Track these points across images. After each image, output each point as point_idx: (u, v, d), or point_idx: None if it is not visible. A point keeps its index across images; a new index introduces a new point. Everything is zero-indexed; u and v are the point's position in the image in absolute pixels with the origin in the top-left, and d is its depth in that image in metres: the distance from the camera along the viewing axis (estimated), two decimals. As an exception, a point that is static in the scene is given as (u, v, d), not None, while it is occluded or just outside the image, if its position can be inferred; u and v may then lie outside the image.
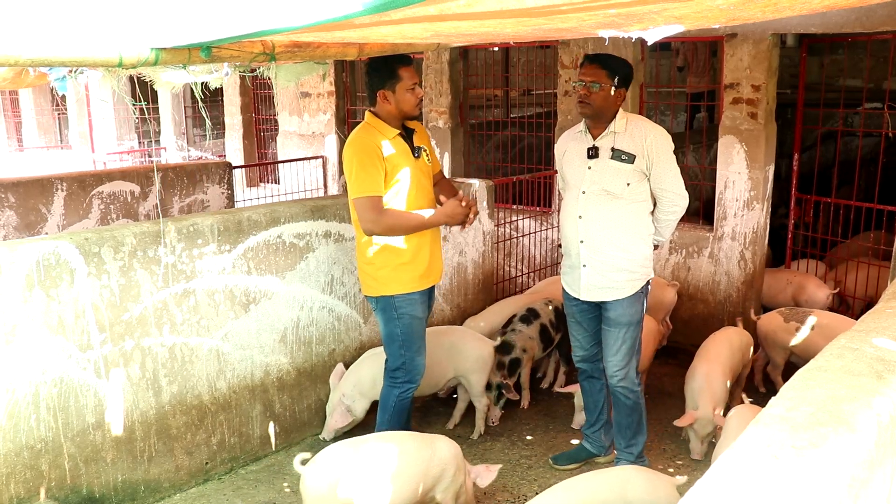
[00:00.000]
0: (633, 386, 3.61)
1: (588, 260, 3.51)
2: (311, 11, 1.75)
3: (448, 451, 3.18)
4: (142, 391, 3.46)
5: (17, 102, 14.07)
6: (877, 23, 4.43)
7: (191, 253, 3.58)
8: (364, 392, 3.99)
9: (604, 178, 3.43)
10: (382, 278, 3.48)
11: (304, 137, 8.38)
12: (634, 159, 3.39)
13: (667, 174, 3.41)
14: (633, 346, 3.56)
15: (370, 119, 3.50)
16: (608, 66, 3.38)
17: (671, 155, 3.42)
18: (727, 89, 5.14)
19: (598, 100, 3.39)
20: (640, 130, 3.41)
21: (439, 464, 3.12)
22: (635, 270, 3.48)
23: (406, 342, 3.52)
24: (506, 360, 4.33)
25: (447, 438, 3.28)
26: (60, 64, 2.39)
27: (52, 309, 3.13)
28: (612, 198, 3.43)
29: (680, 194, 3.45)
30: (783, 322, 4.57)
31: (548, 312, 4.61)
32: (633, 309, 3.52)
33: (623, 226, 3.44)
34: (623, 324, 3.53)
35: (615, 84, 3.38)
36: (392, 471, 3.00)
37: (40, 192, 5.79)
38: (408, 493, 3.02)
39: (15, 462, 3.09)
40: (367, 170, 3.34)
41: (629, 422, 3.66)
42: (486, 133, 7.54)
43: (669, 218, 3.52)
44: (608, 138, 3.45)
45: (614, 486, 2.82)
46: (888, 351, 2.05)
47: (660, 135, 3.42)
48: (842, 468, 1.49)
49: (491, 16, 1.92)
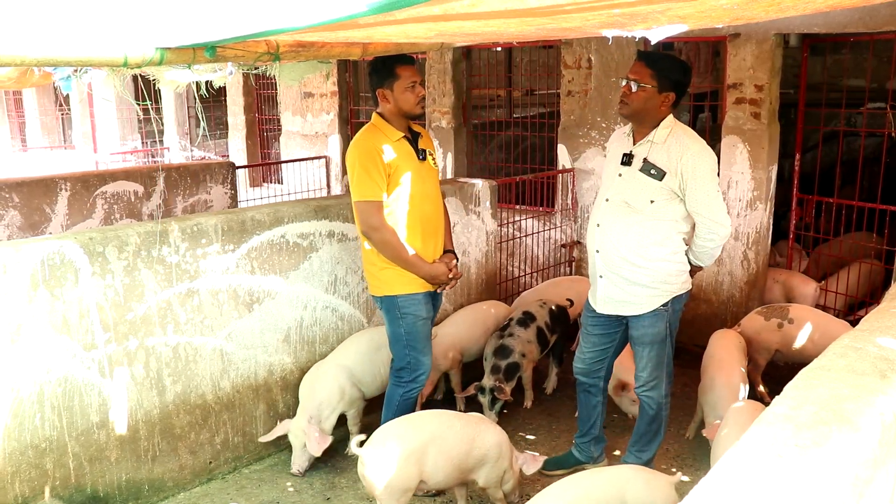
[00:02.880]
0: (660, 398, 3.47)
1: (603, 271, 3.36)
2: (315, 11, 1.76)
3: (492, 436, 3.23)
4: (146, 390, 3.47)
5: (20, 102, 14.10)
6: (880, 22, 4.43)
7: (194, 253, 3.59)
8: (335, 406, 3.86)
9: (628, 189, 3.23)
10: (386, 278, 3.49)
11: (307, 137, 8.39)
12: (664, 176, 3.14)
13: (701, 198, 3.13)
14: (658, 363, 3.40)
15: (375, 120, 3.51)
16: (655, 66, 3.14)
17: (708, 178, 3.12)
18: (730, 89, 5.14)
19: (638, 100, 3.16)
20: (678, 146, 3.14)
21: (482, 447, 3.18)
22: (654, 287, 3.27)
23: (410, 342, 3.53)
24: (502, 364, 4.23)
25: (494, 424, 3.36)
26: (66, 64, 2.40)
27: (56, 308, 3.14)
28: (632, 211, 3.22)
29: (717, 221, 3.16)
30: (764, 321, 4.59)
31: (543, 315, 4.56)
32: (656, 329, 3.33)
33: (639, 242, 3.23)
34: (647, 343, 3.37)
35: (659, 87, 3.13)
36: (437, 448, 3.10)
37: (44, 192, 5.80)
38: (449, 471, 3.13)
39: (20, 461, 3.10)
40: (369, 173, 3.35)
41: (647, 429, 3.56)
42: (488, 133, 7.54)
43: (706, 245, 3.24)
44: (644, 147, 3.22)
45: (614, 485, 2.83)
46: (892, 350, 2.06)
47: (699, 154, 3.12)
48: (845, 467, 1.49)
49: (495, 16, 1.92)
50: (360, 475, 3.13)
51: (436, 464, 3.09)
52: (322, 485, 3.75)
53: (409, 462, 3.03)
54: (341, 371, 3.89)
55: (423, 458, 3.07)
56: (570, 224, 6.15)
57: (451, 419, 3.26)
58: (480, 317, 4.66)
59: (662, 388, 3.46)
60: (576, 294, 4.89)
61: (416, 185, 3.46)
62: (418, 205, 3.46)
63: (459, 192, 4.82)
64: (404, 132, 3.50)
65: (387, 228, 3.39)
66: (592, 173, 5.94)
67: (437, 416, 3.34)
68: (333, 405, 3.84)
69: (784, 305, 4.72)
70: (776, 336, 4.52)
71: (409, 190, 3.44)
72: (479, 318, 4.65)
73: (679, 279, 3.32)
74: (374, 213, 3.37)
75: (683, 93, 3.25)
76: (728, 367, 4.04)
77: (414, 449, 3.06)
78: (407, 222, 3.45)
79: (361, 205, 3.38)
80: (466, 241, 4.92)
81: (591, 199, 5.78)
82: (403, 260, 3.42)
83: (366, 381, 3.98)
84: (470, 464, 3.17)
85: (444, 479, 3.16)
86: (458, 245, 4.83)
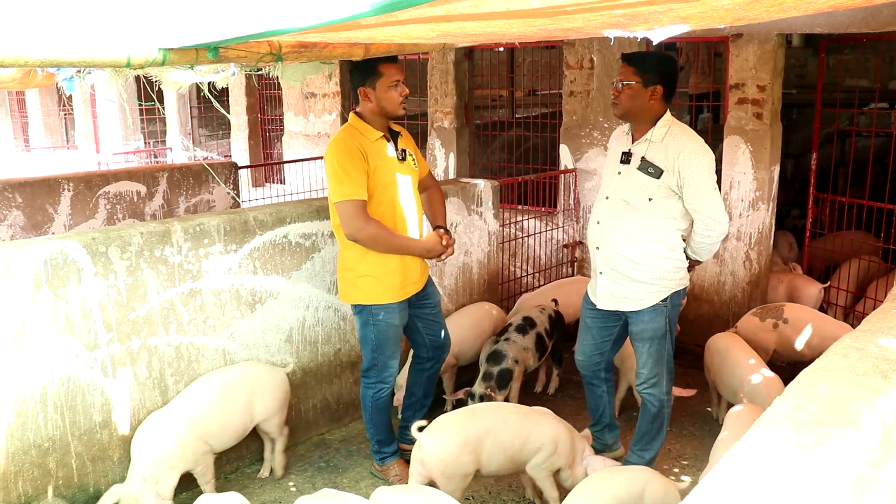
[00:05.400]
0: (661, 395, 3.49)
1: (603, 267, 3.43)
2: (318, 12, 1.76)
3: (550, 432, 3.25)
4: (148, 390, 3.48)
5: (23, 103, 14.13)
6: (883, 22, 4.42)
7: (197, 253, 3.59)
8: (174, 464, 3.25)
9: (627, 187, 3.30)
10: (361, 286, 3.47)
11: (309, 138, 8.40)
12: (662, 174, 3.21)
13: (699, 195, 3.19)
14: (659, 360, 3.43)
15: (353, 121, 3.44)
16: (636, 64, 3.22)
17: (706, 175, 3.19)
18: (732, 89, 5.14)
19: (626, 98, 3.24)
20: (676, 144, 3.21)
21: (538, 440, 3.22)
22: (653, 283, 3.33)
23: (379, 346, 3.55)
24: (494, 370, 4.09)
25: (556, 421, 3.34)
26: (69, 64, 2.41)
27: (59, 308, 3.15)
28: (631, 209, 3.29)
29: (714, 218, 3.21)
30: (760, 322, 4.60)
31: (543, 321, 4.52)
32: (655, 324, 3.37)
33: (638, 239, 3.29)
34: (646, 339, 3.41)
35: (644, 81, 3.20)
36: (492, 440, 3.17)
37: (47, 193, 5.81)
38: (503, 461, 3.20)
39: (23, 460, 3.11)
40: (349, 173, 3.28)
41: (649, 428, 3.58)
42: (491, 133, 7.55)
43: (704, 241, 3.30)
44: (643, 145, 3.29)
45: (636, 484, 2.88)
46: (893, 351, 2.06)
47: (696, 152, 3.18)
48: (847, 467, 1.49)
49: (497, 16, 1.93)
50: (416, 459, 3.20)
51: (490, 454, 3.18)
52: (324, 484, 3.75)
53: (464, 450, 3.13)
54: (182, 422, 3.32)
55: (479, 448, 3.16)
56: (573, 224, 6.15)
57: (508, 413, 3.32)
58: (475, 320, 4.64)
59: (663, 385, 3.48)
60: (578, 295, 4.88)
61: (395, 186, 3.41)
62: (399, 205, 3.43)
63: (462, 192, 4.83)
64: (383, 132, 3.45)
65: (371, 223, 3.31)
66: (595, 174, 5.94)
67: (494, 409, 3.39)
68: (172, 463, 3.24)
69: (779, 305, 4.72)
70: (772, 336, 4.53)
71: (390, 191, 3.40)
72: (473, 322, 4.62)
73: (677, 275, 3.37)
74: (356, 212, 3.28)
75: (672, 84, 3.28)
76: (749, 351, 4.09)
77: (468, 439, 3.15)
78: (387, 223, 3.40)
79: (342, 205, 3.29)
80: (469, 242, 4.93)
81: (594, 199, 5.78)
82: (397, 246, 3.40)
83: (214, 433, 3.43)
84: (524, 456, 3.24)
85: (497, 469, 3.26)
86: (460, 245, 4.84)
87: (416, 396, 3.89)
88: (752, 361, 4.02)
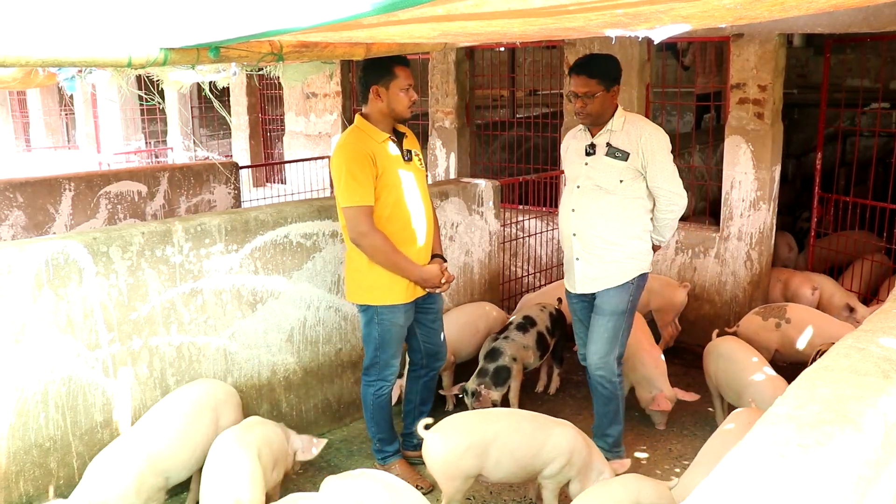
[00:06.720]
0: (612, 376, 3.63)
1: (580, 253, 3.59)
2: (319, 11, 1.76)
3: (564, 443, 3.19)
4: (149, 390, 3.48)
5: (24, 103, 14.14)
6: (885, 22, 4.42)
7: (198, 252, 3.59)
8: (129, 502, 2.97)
9: (598, 173, 3.50)
10: (368, 287, 3.47)
11: (310, 137, 8.40)
12: (628, 157, 3.44)
13: (661, 172, 3.44)
14: (615, 336, 3.58)
15: (360, 122, 3.45)
16: (596, 74, 3.42)
17: (666, 154, 3.45)
18: (733, 89, 5.13)
19: (595, 107, 3.45)
20: (636, 129, 3.46)
21: (552, 450, 3.18)
22: (625, 262, 3.53)
23: (382, 345, 3.55)
24: (490, 367, 4.10)
25: (575, 432, 3.26)
26: (70, 64, 2.41)
27: (60, 308, 3.15)
28: (605, 193, 3.49)
29: (676, 193, 3.47)
30: (762, 321, 4.60)
31: (544, 319, 4.51)
32: (619, 298, 3.55)
33: (614, 221, 3.49)
34: (607, 312, 3.56)
35: (606, 87, 3.43)
36: (501, 447, 3.13)
37: (48, 192, 5.82)
38: (514, 469, 3.17)
39: (24, 460, 3.11)
40: (357, 178, 3.29)
41: (605, 411, 3.70)
42: (492, 133, 7.55)
43: (668, 217, 3.54)
44: (605, 136, 3.51)
45: (631, 491, 2.86)
46: (895, 351, 2.05)
47: (655, 134, 3.45)
48: (848, 467, 1.49)
49: (498, 16, 1.93)
50: (423, 456, 3.23)
51: (498, 461, 3.14)
52: (325, 484, 3.74)
53: (467, 453, 3.10)
54: (140, 456, 3.03)
55: (484, 453, 3.12)
56: (574, 224, 6.14)
57: (522, 421, 3.26)
58: (471, 320, 4.63)
59: (614, 367, 3.61)
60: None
61: (403, 187, 3.42)
62: (406, 206, 3.43)
63: (463, 192, 4.83)
64: (389, 133, 3.46)
65: (377, 233, 3.33)
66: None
67: (507, 416, 3.35)
68: (128, 500, 2.96)
69: (781, 305, 4.72)
70: (775, 336, 4.52)
71: (397, 192, 3.40)
72: (469, 321, 4.62)
73: (647, 257, 3.61)
74: (363, 218, 3.30)
75: (620, 77, 3.55)
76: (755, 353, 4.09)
77: (473, 443, 3.12)
78: (395, 225, 3.41)
79: (350, 210, 3.32)
80: (469, 242, 4.93)
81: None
82: (395, 264, 3.39)
83: (173, 469, 3.13)
84: (537, 466, 3.19)
85: (506, 476, 3.22)
86: (461, 245, 4.84)
87: (413, 403, 3.89)
88: (755, 360, 4.02)
